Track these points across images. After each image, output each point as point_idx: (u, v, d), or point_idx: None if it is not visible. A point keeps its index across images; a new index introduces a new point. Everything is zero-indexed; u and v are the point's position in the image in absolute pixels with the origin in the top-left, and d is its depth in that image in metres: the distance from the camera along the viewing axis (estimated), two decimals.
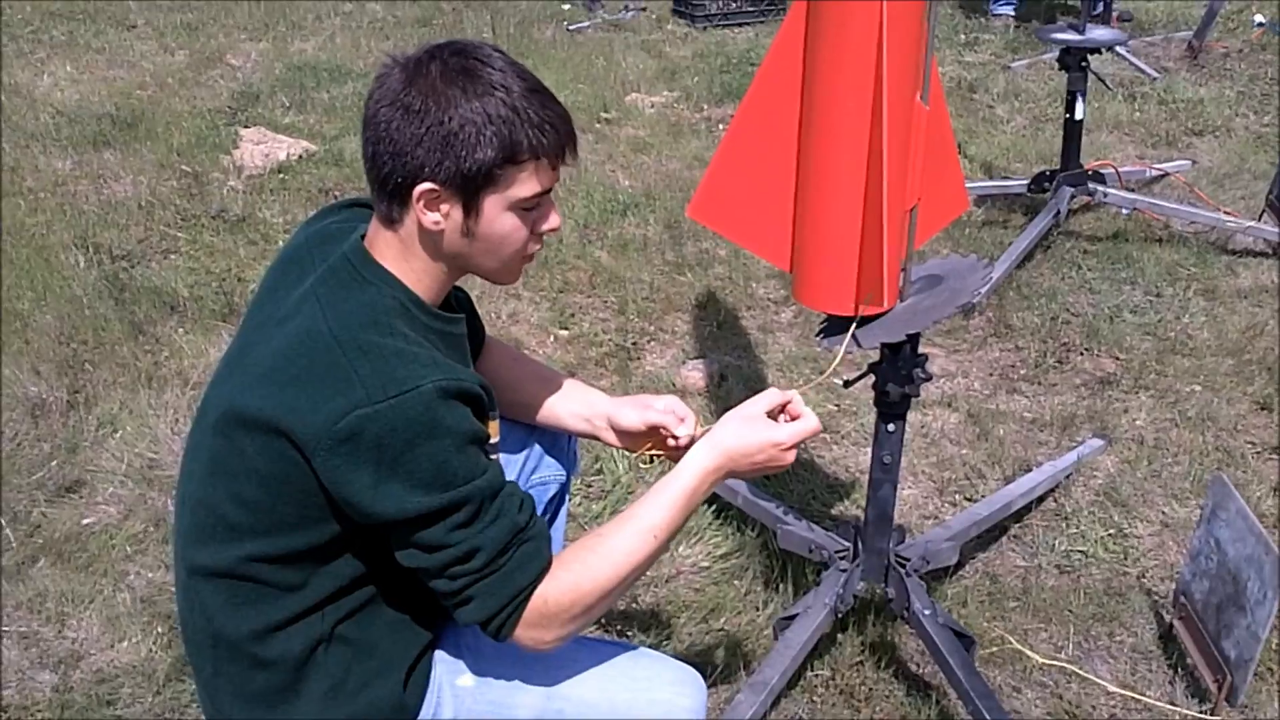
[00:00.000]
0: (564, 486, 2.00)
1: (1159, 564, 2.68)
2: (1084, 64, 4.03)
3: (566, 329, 3.69)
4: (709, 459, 1.58)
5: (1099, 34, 4.09)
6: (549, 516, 1.97)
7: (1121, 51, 5.86)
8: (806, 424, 1.63)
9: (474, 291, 1.95)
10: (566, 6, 7.33)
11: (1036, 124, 5.45)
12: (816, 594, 2.30)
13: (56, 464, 2.95)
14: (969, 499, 2.89)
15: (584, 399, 1.90)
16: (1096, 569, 2.67)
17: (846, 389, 2.26)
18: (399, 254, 1.52)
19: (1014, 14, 6.96)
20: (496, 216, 1.49)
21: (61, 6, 7.07)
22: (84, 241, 4.08)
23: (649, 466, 2.54)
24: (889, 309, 1.94)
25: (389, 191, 1.48)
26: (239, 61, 6.17)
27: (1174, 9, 7.15)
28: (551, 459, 1.95)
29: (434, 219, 1.47)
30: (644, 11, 7.26)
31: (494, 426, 1.56)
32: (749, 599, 2.55)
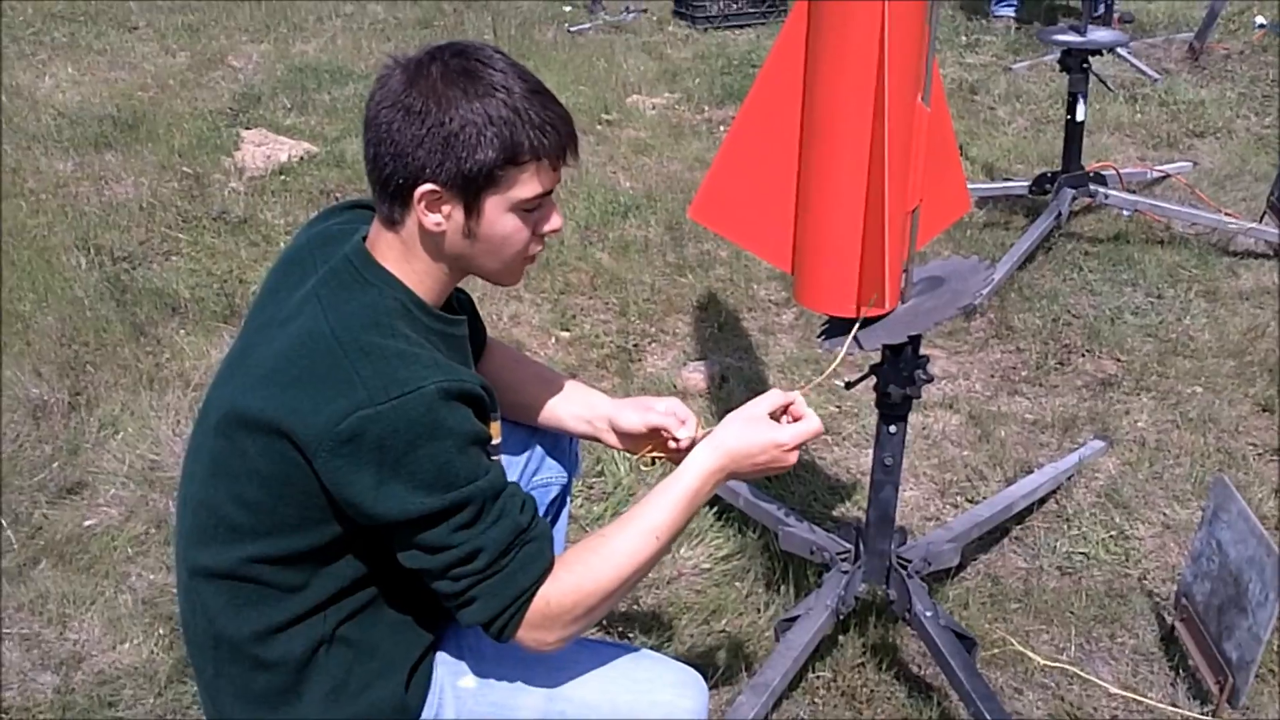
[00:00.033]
0: (565, 488, 2.00)
1: (1160, 565, 2.68)
2: (1085, 65, 4.03)
3: (568, 331, 3.69)
4: (711, 460, 1.58)
5: (1100, 35, 4.09)
6: (550, 518, 1.97)
7: (1122, 53, 5.86)
8: (809, 425, 1.63)
9: (475, 293, 1.95)
10: (568, 8, 7.33)
11: (1038, 125, 5.45)
12: (818, 595, 2.30)
13: (58, 465, 2.96)
14: (970, 500, 2.89)
15: (585, 400, 1.90)
16: (1098, 570, 2.67)
17: (848, 390, 2.26)
18: (400, 255, 1.52)
19: (1015, 15, 6.96)
20: (498, 217, 1.49)
21: (63, 8, 7.07)
22: (85, 243, 4.08)
23: (650, 468, 2.54)
24: (890, 310, 1.94)
25: (390, 193, 1.48)
26: (240, 63, 6.17)
27: (1175, 10, 7.15)
28: (553, 461, 1.95)
29: (435, 220, 1.47)
30: (645, 13, 7.26)
31: (496, 428, 1.56)
32: (750, 601, 2.55)
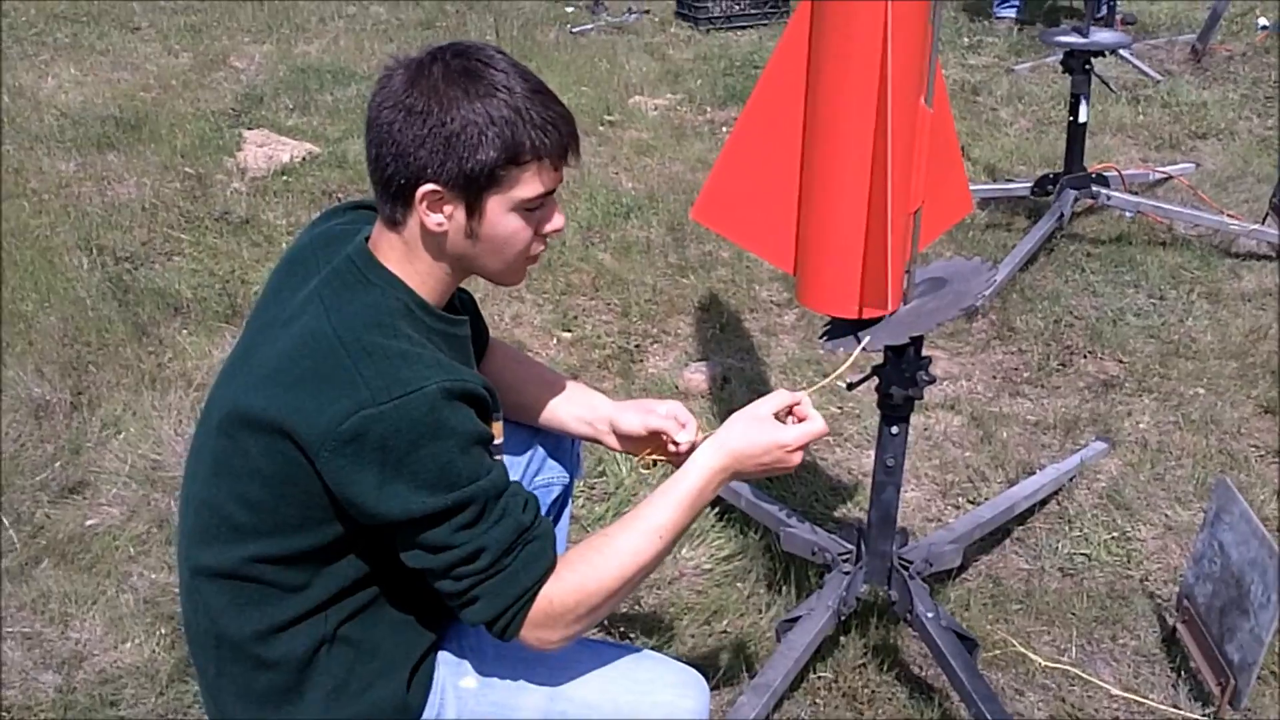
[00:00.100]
0: (567, 489, 2.00)
1: (1162, 567, 2.68)
2: (1087, 67, 4.04)
3: (569, 331, 3.69)
4: (715, 459, 1.58)
5: (1103, 37, 4.09)
6: (552, 519, 1.97)
7: (1125, 54, 5.86)
8: (813, 426, 1.63)
9: (477, 293, 1.95)
10: (570, 9, 7.33)
11: (1040, 127, 5.45)
12: (819, 596, 2.30)
13: (60, 465, 2.96)
14: (972, 501, 2.89)
15: (586, 402, 1.90)
16: (1099, 572, 2.66)
17: (850, 391, 2.26)
18: (403, 255, 1.52)
19: (1017, 17, 6.96)
20: (500, 217, 1.49)
21: (66, 8, 7.08)
22: (88, 243, 4.08)
23: (650, 471, 2.54)
24: (893, 311, 1.94)
25: (392, 193, 1.48)
26: (243, 64, 6.17)
27: (1178, 12, 7.15)
28: (554, 462, 1.95)
29: (437, 220, 1.47)
30: (647, 14, 7.27)
31: (498, 427, 1.56)
32: (751, 601, 2.55)
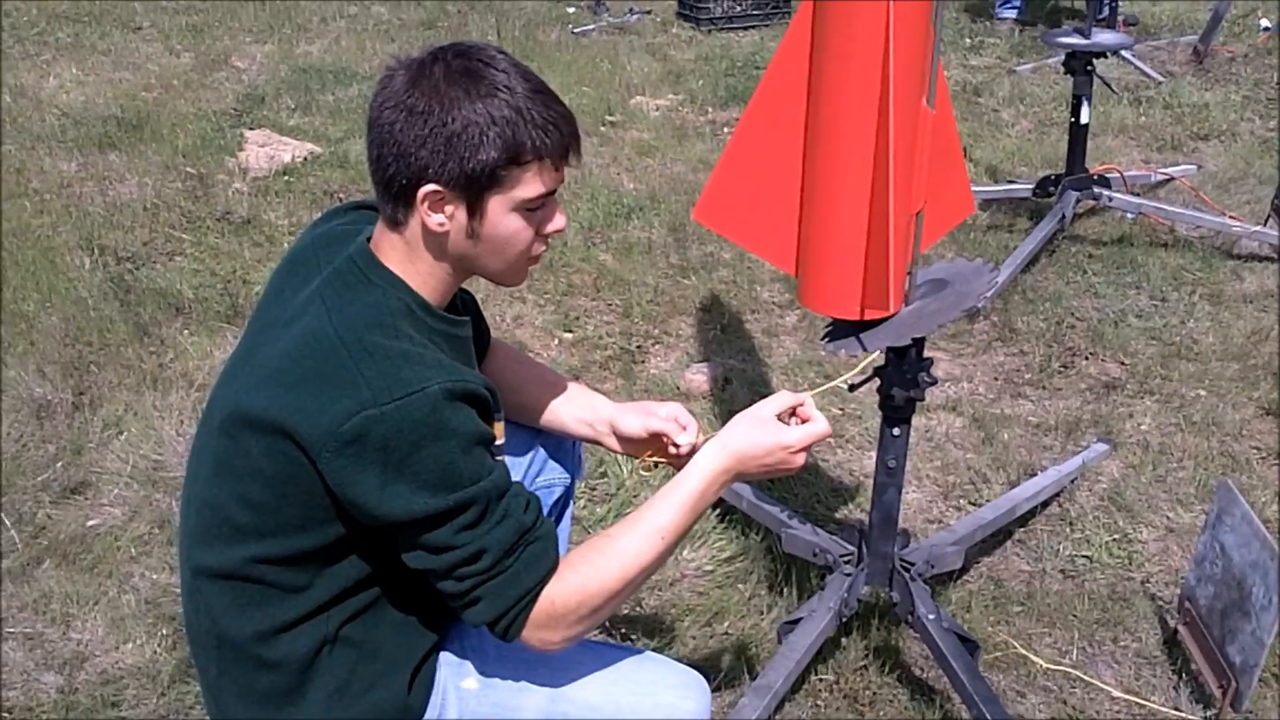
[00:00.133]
0: (568, 490, 2.00)
1: (1163, 569, 2.68)
2: (1089, 68, 4.04)
3: (571, 332, 3.69)
4: (718, 460, 1.58)
5: (1104, 38, 4.09)
6: (553, 520, 1.96)
7: (1127, 55, 5.86)
8: (816, 427, 1.63)
9: (479, 294, 1.95)
10: (571, 10, 7.34)
11: (1042, 128, 5.45)
12: (820, 598, 2.30)
13: (61, 465, 2.96)
14: (973, 503, 2.89)
15: (588, 403, 1.89)
16: (1101, 574, 2.66)
17: (851, 393, 2.26)
18: (404, 256, 1.52)
19: (1019, 18, 6.96)
20: (501, 218, 1.49)
21: (67, 8, 7.08)
22: (89, 243, 4.08)
23: (650, 472, 2.54)
24: (894, 313, 1.94)
25: (394, 193, 1.48)
26: (244, 64, 6.17)
27: (1180, 13, 7.15)
28: (556, 463, 1.95)
29: (438, 220, 1.47)
30: (648, 15, 7.27)
31: (499, 428, 1.56)
32: (753, 603, 2.55)
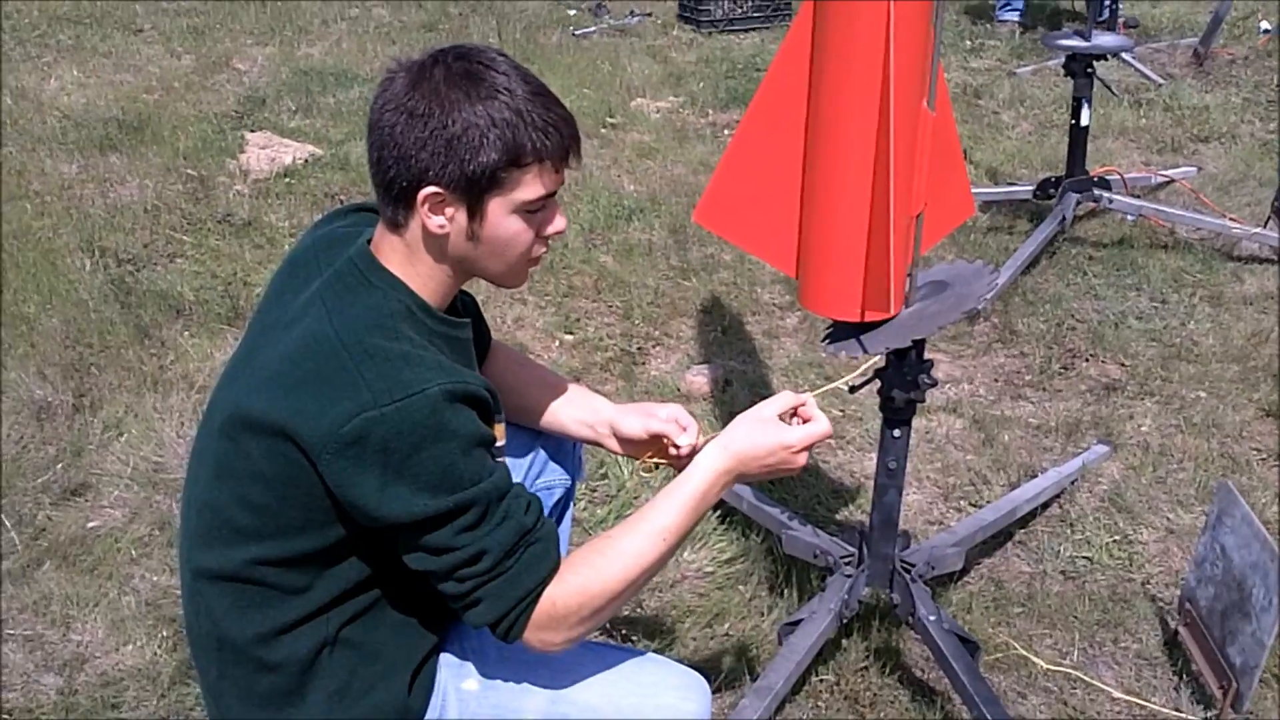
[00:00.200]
0: (569, 492, 2.00)
1: (1164, 570, 2.68)
2: (1090, 70, 4.04)
3: (571, 334, 3.69)
4: (720, 460, 1.58)
5: (1105, 40, 4.10)
6: (554, 521, 1.97)
7: (1127, 58, 5.86)
8: (817, 427, 1.63)
9: (480, 296, 1.95)
10: (572, 12, 7.34)
11: (1042, 130, 5.45)
12: (821, 599, 2.30)
13: (62, 467, 2.96)
14: (974, 505, 2.89)
15: (588, 405, 1.90)
16: (1101, 575, 2.66)
17: (852, 394, 2.26)
18: (404, 258, 1.52)
19: (1019, 20, 6.97)
20: (501, 219, 1.49)
21: (68, 10, 7.09)
22: (90, 245, 4.08)
23: (651, 474, 2.54)
24: (895, 315, 1.94)
25: (394, 195, 1.48)
26: (245, 66, 6.18)
27: (1180, 15, 7.16)
28: (556, 465, 1.95)
29: (439, 223, 1.48)
30: (649, 17, 7.27)
31: (500, 429, 1.56)
32: (754, 604, 2.55)
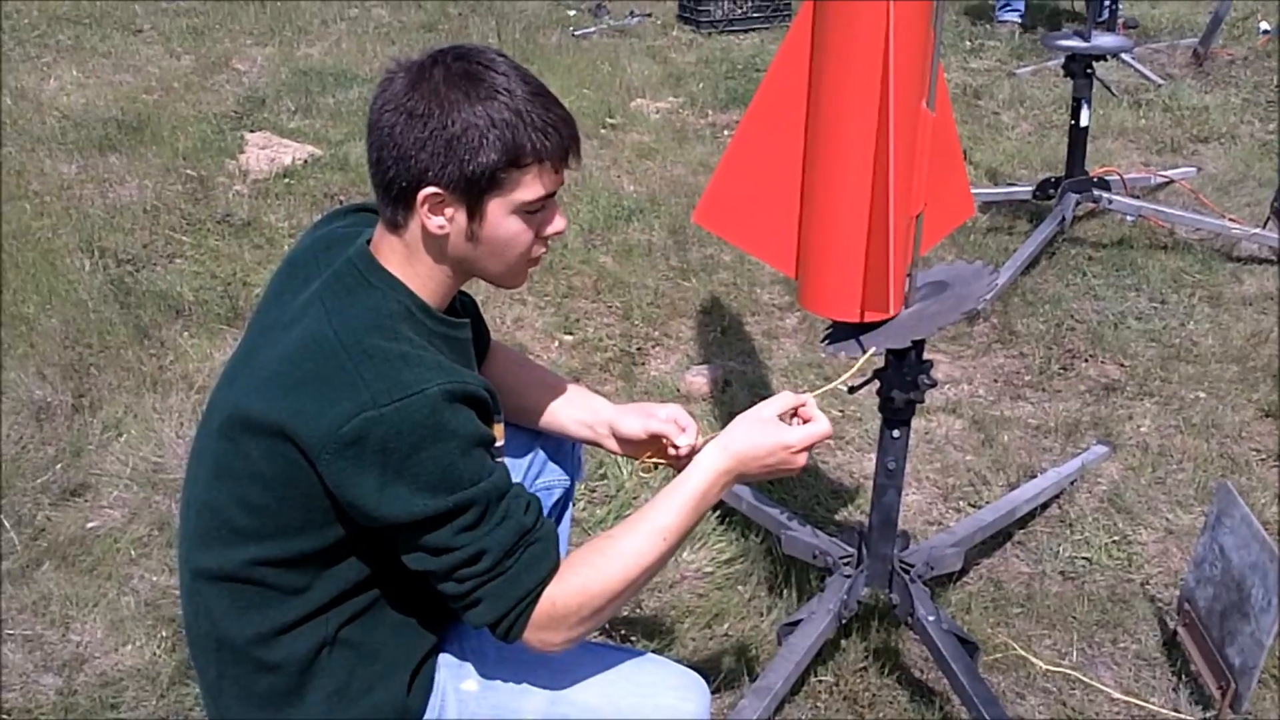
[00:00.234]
0: (568, 492, 2.00)
1: (1163, 571, 2.68)
2: (1089, 70, 4.04)
3: (571, 334, 3.69)
4: (720, 461, 1.58)
5: (1104, 41, 4.10)
6: (553, 521, 1.97)
7: (1127, 58, 5.86)
8: (818, 427, 1.62)
9: (479, 296, 1.95)
10: (572, 12, 7.34)
11: (1042, 130, 5.45)
12: (820, 600, 2.30)
13: (61, 467, 2.96)
14: (973, 505, 2.89)
15: (587, 405, 1.90)
16: (1100, 575, 2.66)
17: (851, 394, 2.26)
18: (404, 259, 1.52)
19: (1019, 21, 6.97)
20: (501, 220, 1.49)
21: (68, 10, 7.08)
22: (89, 245, 4.08)
23: (650, 474, 2.54)
24: (894, 315, 1.94)
25: (393, 196, 1.48)
26: (245, 66, 6.18)
27: (1180, 16, 7.16)
28: (555, 465, 1.95)
29: (438, 223, 1.48)
30: (649, 17, 7.27)
31: (499, 429, 1.56)
32: (753, 604, 2.55)
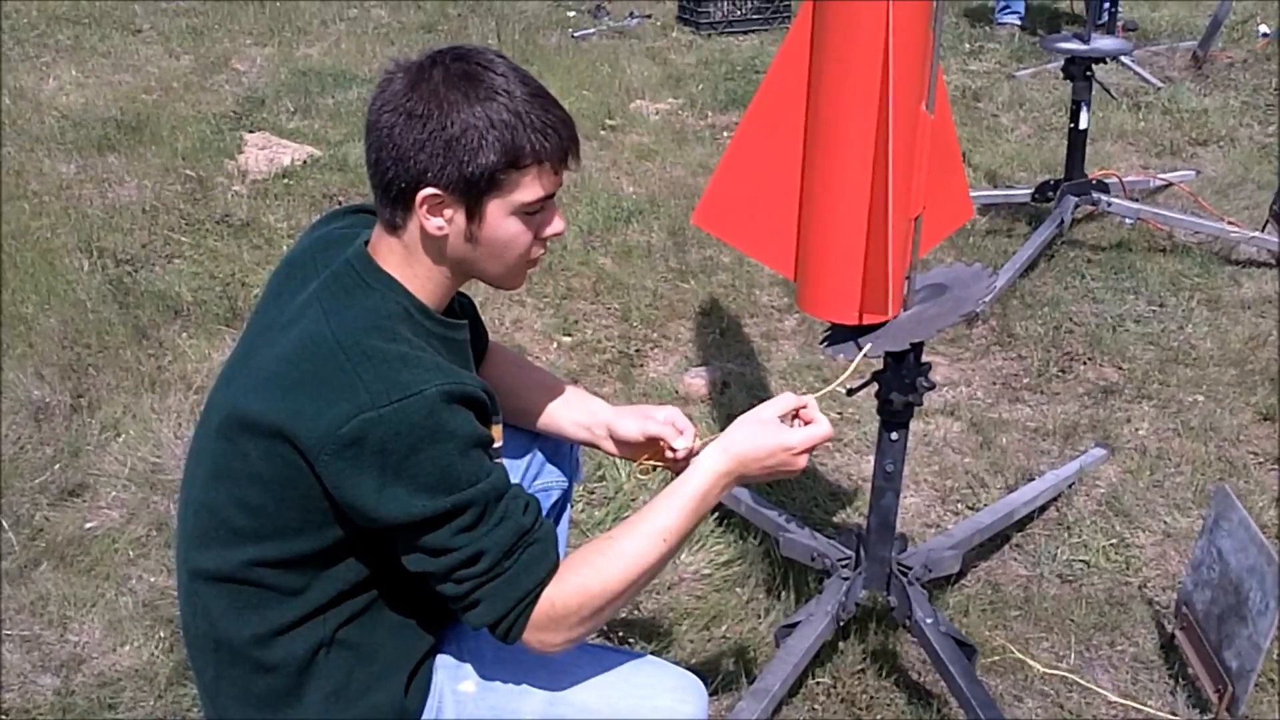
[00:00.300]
0: (566, 493, 2.00)
1: (1161, 574, 2.68)
2: (1089, 73, 4.04)
3: (569, 335, 3.69)
4: (720, 463, 1.58)
5: (1104, 43, 4.10)
6: (551, 522, 1.97)
7: (1126, 61, 5.86)
8: (818, 429, 1.63)
9: (478, 297, 1.95)
10: (572, 14, 7.34)
11: (1041, 133, 5.46)
12: (818, 602, 2.30)
13: (59, 467, 2.96)
14: (971, 507, 2.89)
15: (585, 407, 1.90)
16: (1098, 578, 2.66)
17: (850, 397, 2.26)
18: (402, 259, 1.52)
19: (1019, 23, 6.97)
20: (500, 221, 1.49)
21: (67, 10, 7.08)
22: (88, 245, 4.08)
23: (648, 476, 2.54)
24: (893, 317, 1.94)
25: (392, 197, 1.48)
26: (244, 66, 6.18)
27: (1179, 19, 7.16)
28: (553, 466, 1.95)
29: (437, 224, 1.48)
30: (649, 19, 7.27)
31: (497, 430, 1.56)
32: (751, 607, 2.55)
